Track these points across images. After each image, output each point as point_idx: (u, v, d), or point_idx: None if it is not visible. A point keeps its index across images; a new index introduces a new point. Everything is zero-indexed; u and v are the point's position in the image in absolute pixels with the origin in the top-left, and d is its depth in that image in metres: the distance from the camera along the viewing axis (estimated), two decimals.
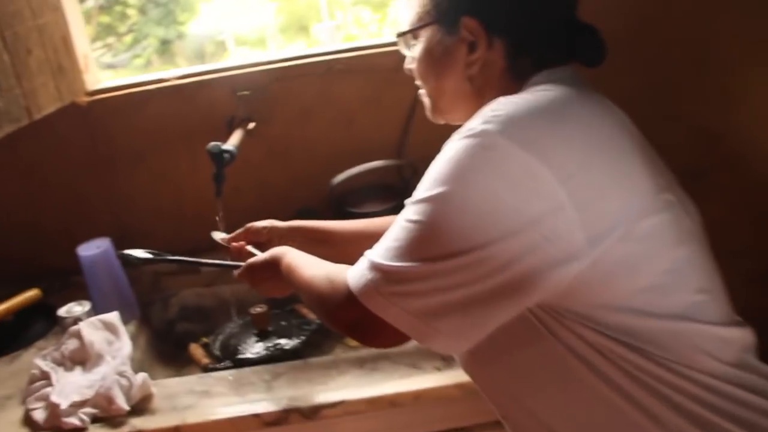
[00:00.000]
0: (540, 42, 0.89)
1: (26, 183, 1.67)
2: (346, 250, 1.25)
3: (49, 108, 1.43)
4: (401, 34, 0.98)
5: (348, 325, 0.83)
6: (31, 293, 1.52)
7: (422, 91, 1.00)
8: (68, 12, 1.56)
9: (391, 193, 1.62)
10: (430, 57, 0.94)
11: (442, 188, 0.74)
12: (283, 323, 1.50)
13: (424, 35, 0.94)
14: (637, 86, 1.65)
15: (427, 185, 0.77)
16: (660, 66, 1.66)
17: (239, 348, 1.42)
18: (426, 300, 0.75)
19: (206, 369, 1.39)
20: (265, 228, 1.28)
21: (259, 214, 1.63)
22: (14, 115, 1.32)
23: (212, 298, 1.64)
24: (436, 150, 0.99)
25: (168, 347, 1.56)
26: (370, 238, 1.16)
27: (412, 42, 0.97)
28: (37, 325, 1.50)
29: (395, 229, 0.79)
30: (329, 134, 1.68)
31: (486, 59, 0.89)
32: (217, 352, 1.41)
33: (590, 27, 0.91)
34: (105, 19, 8.12)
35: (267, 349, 1.41)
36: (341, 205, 1.62)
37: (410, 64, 0.99)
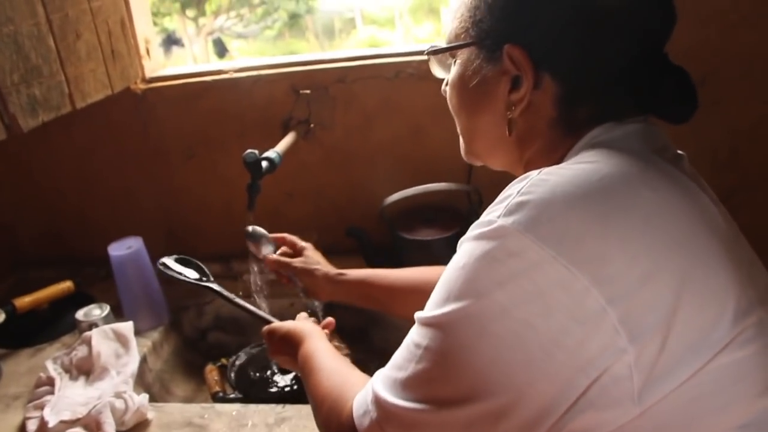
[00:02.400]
0: (606, 88, 0.67)
1: (79, 167, 1.63)
2: (394, 309, 1.17)
3: (96, 96, 1.36)
4: (432, 52, 0.80)
5: None
6: (64, 285, 1.47)
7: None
8: None
9: (451, 221, 1.43)
10: (463, 85, 0.75)
11: (452, 307, 0.59)
12: None
13: (461, 57, 0.75)
14: (764, 119, 1.37)
15: (437, 301, 0.62)
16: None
17: (255, 378, 1.30)
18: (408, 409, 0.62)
19: (214, 397, 1.27)
20: (303, 248, 1.23)
21: (309, 224, 1.52)
22: (54, 102, 1.25)
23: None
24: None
25: (195, 358, 1.47)
26: (416, 293, 1.10)
27: (449, 62, 0.79)
28: (68, 317, 1.45)
29: (402, 352, 0.65)
30: (393, 145, 1.51)
31: (531, 101, 0.69)
32: (231, 379, 1.29)
33: (679, 69, 0.68)
34: None
35: (282, 386, 1.27)
36: (393, 227, 1.45)
37: (445, 86, 0.82)
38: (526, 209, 0.57)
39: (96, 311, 1.33)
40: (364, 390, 0.69)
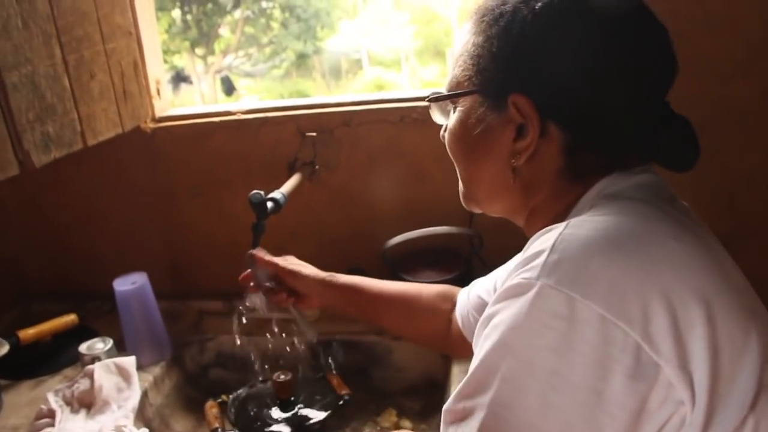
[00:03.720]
0: (612, 136, 0.68)
1: (87, 203, 1.66)
2: (381, 319, 1.20)
3: (107, 134, 1.40)
4: (434, 99, 0.80)
5: None
6: (68, 318, 1.49)
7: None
8: (144, 36, 1.53)
9: (452, 264, 1.45)
10: (466, 132, 0.75)
11: (503, 385, 0.57)
12: (312, 394, 1.35)
13: (463, 104, 0.75)
14: (762, 165, 1.40)
15: (480, 383, 0.58)
16: None
17: (255, 415, 1.30)
18: None
19: None
20: (293, 273, 1.19)
21: (311, 263, 1.53)
22: (66, 139, 1.29)
23: (251, 347, 1.54)
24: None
25: (196, 393, 1.48)
26: (402, 304, 1.16)
27: (449, 108, 0.79)
28: (70, 350, 1.46)
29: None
30: (396, 189, 1.54)
31: (537, 149, 0.69)
32: (231, 415, 1.30)
33: (682, 118, 0.70)
34: (250, 30, 8.46)
35: (280, 424, 1.28)
36: (395, 269, 1.47)
37: (442, 133, 0.83)
38: (565, 266, 0.56)
39: (99, 345, 1.34)
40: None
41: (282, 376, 1.31)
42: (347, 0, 7.96)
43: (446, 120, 0.81)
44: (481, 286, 1.09)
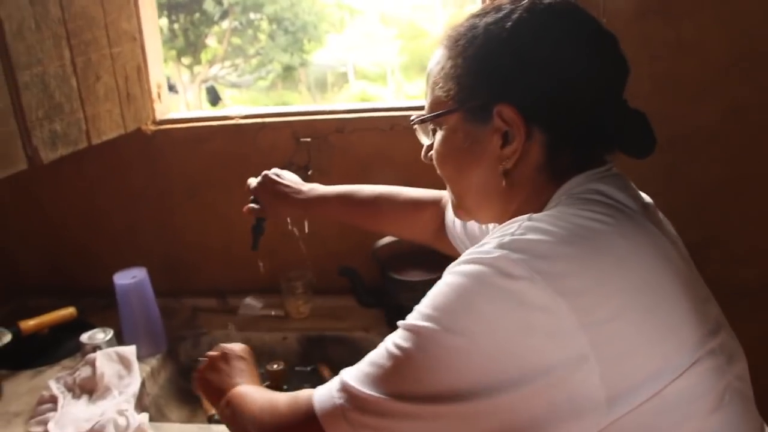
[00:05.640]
0: (587, 132, 0.77)
1: (86, 201, 1.71)
2: (376, 223, 1.30)
3: (110, 134, 1.46)
4: (420, 122, 0.86)
5: None
6: (67, 311, 1.54)
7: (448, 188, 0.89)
8: (147, 42, 1.60)
9: (438, 263, 1.52)
10: (454, 148, 0.81)
11: (440, 318, 0.65)
12: (303, 384, 1.42)
13: (448, 123, 0.81)
14: (725, 180, 1.50)
15: (424, 311, 0.67)
16: (751, 160, 1.49)
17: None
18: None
19: (210, 419, 1.34)
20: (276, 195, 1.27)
21: (304, 263, 1.61)
22: (72, 138, 1.35)
23: (243, 342, 1.60)
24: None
25: (190, 385, 1.53)
26: (406, 212, 1.27)
27: (432, 127, 0.85)
28: (68, 342, 1.51)
29: (379, 351, 0.70)
30: None
31: (524, 152, 0.76)
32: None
33: (639, 112, 0.78)
34: (237, 40, 8.48)
35: None
36: (385, 268, 1.54)
37: (429, 152, 0.87)
38: (520, 244, 0.64)
39: (100, 335, 1.40)
40: (327, 385, 0.74)
41: (275, 366, 1.37)
42: (334, 14, 8.04)
43: (429, 140, 0.87)
44: None
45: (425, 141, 0.89)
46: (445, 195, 1.23)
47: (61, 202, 1.73)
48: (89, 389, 1.30)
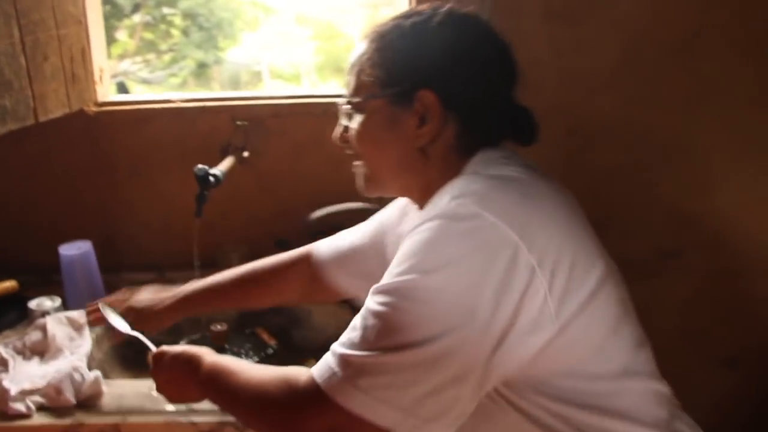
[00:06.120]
0: (490, 120, 0.91)
1: (26, 179, 1.76)
2: (246, 301, 1.31)
3: (56, 112, 1.53)
4: (349, 104, 0.94)
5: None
6: (8, 284, 1.59)
7: (357, 164, 0.99)
8: (91, 26, 1.67)
9: None
10: (375, 128, 0.91)
11: (414, 267, 0.73)
12: (242, 344, 1.54)
13: (372, 105, 0.91)
14: (619, 165, 1.72)
15: (397, 270, 0.75)
16: (642, 148, 1.72)
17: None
18: (408, 390, 0.71)
19: None
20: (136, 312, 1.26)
21: (241, 237, 1.72)
22: (21, 114, 1.41)
23: None
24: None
25: (132, 353, 1.61)
26: (273, 280, 1.29)
27: (351, 110, 0.94)
28: (9, 315, 1.56)
29: (365, 315, 0.76)
30: (317, 173, 1.76)
31: (436, 133, 0.88)
32: None
33: (525, 107, 0.94)
34: (149, 35, 8.36)
35: None
36: (316, 240, 1.67)
37: (341, 133, 0.99)
38: (473, 196, 0.76)
39: (48, 302, 1.46)
40: (321, 361, 0.77)
41: (218, 327, 1.48)
42: (249, 12, 8.02)
43: (347, 122, 0.96)
44: (345, 239, 1.29)
45: (344, 123, 0.97)
46: (311, 248, 1.32)
47: (1, 180, 1.77)
48: (40, 351, 1.36)
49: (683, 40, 1.64)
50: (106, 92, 1.76)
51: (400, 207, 1.19)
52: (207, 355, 0.96)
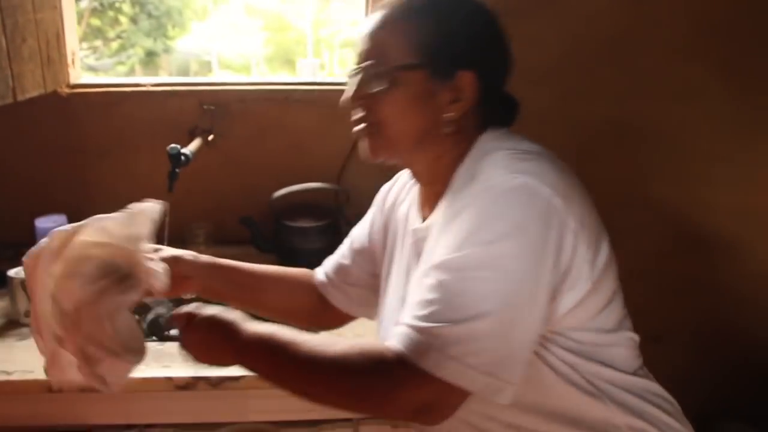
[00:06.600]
0: (501, 103, 0.99)
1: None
2: (260, 296, 1.21)
3: (33, 92, 1.61)
4: (383, 72, 0.91)
5: (416, 407, 0.77)
6: None
7: (360, 128, 0.97)
8: (65, 12, 1.75)
9: (323, 213, 1.83)
10: (408, 97, 0.91)
11: (489, 242, 0.78)
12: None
13: (408, 75, 0.91)
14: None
15: (470, 240, 0.78)
16: (579, 138, 1.91)
17: (167, 327, 1.59)
18: (494, 354, 0.75)
19: None
20: (175, 258, 1.10)
21: (206, 215, 1.84)
22: (1, 92, 1.50)
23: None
24: (369, 181, 1.14)
25: None
26: (288, 285, 1.25)
27: (384, 76, 0.91)
28: None
29: (440, 290, 0.78)
30: (280, 155, 1.89)
31: (465, 112, 0.92)
32: (146, 329, 1.57)
33: (511, 96, 1.03)
34: (96, 22, 8.19)
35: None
36: (279, 217, 1.81)
37: (358, 95, 0.94)
38: (524, 169, 0.81)
39: None
40: (402, 336, 0.77)
41: (189, 295, 1.60)
42: (199, 1, 8.02)
43: (375, 87, 0.92)
44: (334, 257, 1.26)
45: (372, 87, 0.92)
46: (313, 271, 1.27)
47: None
48: None
49: (619, 36, 1.83)
50: (78, 75, 1.85)
51: (378, 206, 1.20)
52: (242, 321, 0.90)
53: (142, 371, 1.33)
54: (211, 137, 1.84)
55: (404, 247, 1.06)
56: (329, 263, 1.26)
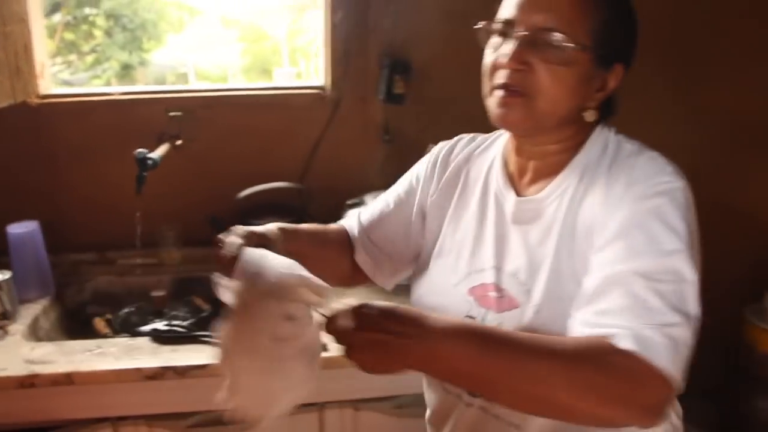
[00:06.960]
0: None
1: None
2: (326, 253, 1.18)
3: (2, 103, 1.67)
4: (566, 46, 0.91)
5: (656, 408, 0.77)
6: None
7: (505, 93, 0.94)
8: (33, 25, 1.82)
9: (288, 211, 1.89)
10: (573, 75, 0.93)
11: (685, 239, 0.84)
12: (180, 308, 1.73)
13: (579, 55, 0.92)
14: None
15: (672, 239, 0.84)
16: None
17: (137, 323, 1.65)
18: (687, 345, 0.80)
19: (106, 338, 1.60)
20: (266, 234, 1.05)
21: (175, 217, 1.90)
22: None
23: (122, 286, 1.87)
24: (331, 182, 1.17)
25: (76, 325, 1.77)
26: (333, 242, 1.20)
27: (563, 48, 0.91)
28: None
29: (656, 294, 0.80)
30: (246, 157, 1.96)
31: (603, 102, 0.99)
32: (117, 326, 1.64)
33: None
34: (70, 36, 8.22)
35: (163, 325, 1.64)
36: (245, 217, 1.87)
37: (524, 57, 0.92)
38: (679, 174, 0.90)
39: None
40: (635, 338, 0.76)
41: (159, 293, 1.66)
42: (174, 13, 8.03)
43: (550, 54, 0.91)
44: (368, 212, 1.22)
45: (549, 54, 0.92)
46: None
47: None
48: None
49: None
50: (48, 85, 1.91)
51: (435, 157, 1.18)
52: (431, 315, 0.77)
53: (112, 363, 1.40)
54: (179, 142, 1.90)
55: (489, 209, 1.06)
56: (365, 213, 1.21)
